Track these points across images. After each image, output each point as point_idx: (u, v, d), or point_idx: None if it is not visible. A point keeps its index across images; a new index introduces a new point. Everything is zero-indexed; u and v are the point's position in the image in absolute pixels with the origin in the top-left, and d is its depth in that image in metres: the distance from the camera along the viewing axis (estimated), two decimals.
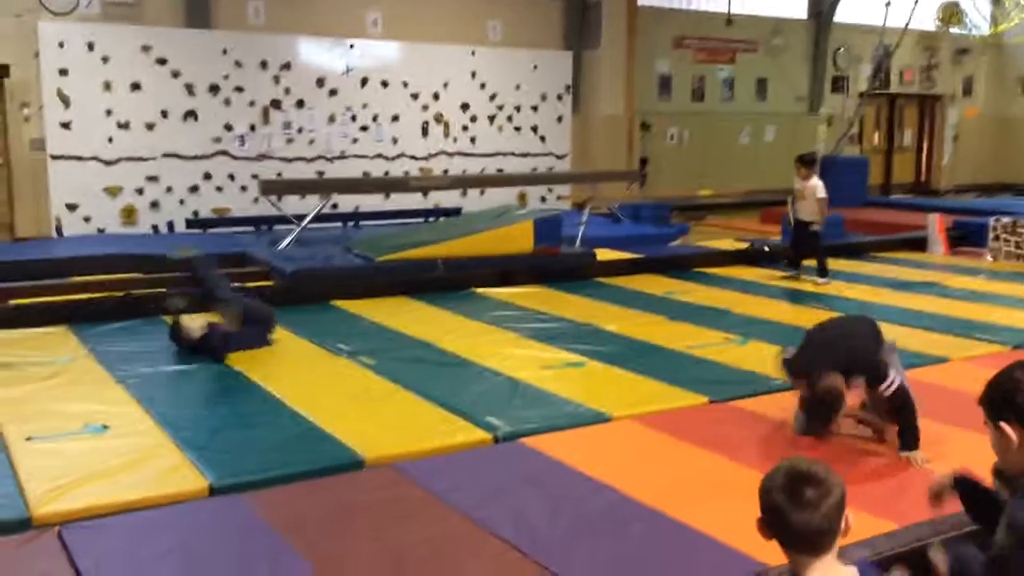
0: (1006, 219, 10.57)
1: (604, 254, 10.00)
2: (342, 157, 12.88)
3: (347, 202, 12.59)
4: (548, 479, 3.94)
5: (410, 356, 6.04)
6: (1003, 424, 2.48)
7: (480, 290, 8.42)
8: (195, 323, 6.15)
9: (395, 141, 13.33)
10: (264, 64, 12.30)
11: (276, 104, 12.43)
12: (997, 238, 10.43)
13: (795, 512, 2.00)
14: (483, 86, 14.03)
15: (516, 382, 5.43)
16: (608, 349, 6.25)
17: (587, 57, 14.95)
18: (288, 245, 9.83)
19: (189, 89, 11.77)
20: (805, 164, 9.26)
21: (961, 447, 4.26)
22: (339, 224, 12.26)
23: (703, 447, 4.37)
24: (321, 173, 12.67)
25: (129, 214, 11.60)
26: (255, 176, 12.04)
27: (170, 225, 11.78)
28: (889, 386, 4.23)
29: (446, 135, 13.76)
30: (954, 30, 19.12)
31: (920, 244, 11.11)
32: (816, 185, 9.00)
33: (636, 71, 15.20)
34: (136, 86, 11.46)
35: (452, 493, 3.72)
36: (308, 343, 6.40)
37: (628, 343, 6.49)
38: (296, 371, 5.70)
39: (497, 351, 6.19)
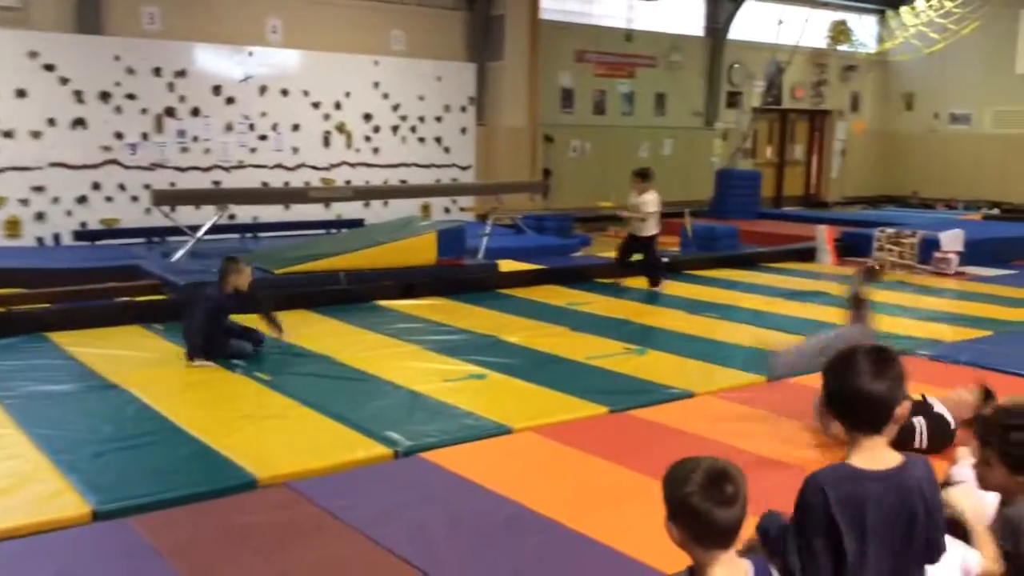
0: (890, 230, 11.05)
1: (507, 265, 10.04)
2: (240, 167, 12.59)
3: (245, 213, 12.31)
4: (448, 494, 3.91)
5: (309, 371, 5.93)
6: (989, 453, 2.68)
7: (383, 303, 8.35)
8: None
9: (295, 151, 13.11)
10: (158, 71, 11.94)
11: (170, 112, 12.08)
12: (881, 248, 10.88)
13: (719, 509, 2.04)
14: (386, 96, 13.94)
15: (417, 395, 5.39)
16: (510, 361, 6.26)
17: (490, 69, 15.01)
18: (181, 257, 9.55)
19: (78, 96, 11.34)
20: (641, 178, 9.42)
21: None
22: (236, 236, 11.98)
23: (603, 457, 4.41)
24: (217, 183, 12.35)
25: (13, 226, 11.09)
26: (147, 186, 11.66)
27: (56, 237, 11.31)
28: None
29: (348, 145, 13.61)
30: (842, 48, 19.91)
31: (810, 255, 11.50)
32: (650, 200, 9.20)
33: (539, 84, 15.33)
34: (21, 93, 10.97)
35: (349, 511, 3.65)
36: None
37: (530, 355, 6.52)
38: (187, 389, 5.54)
39: (398, 364, 6.14)
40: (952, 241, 10.54)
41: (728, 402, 5.38)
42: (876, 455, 2.27)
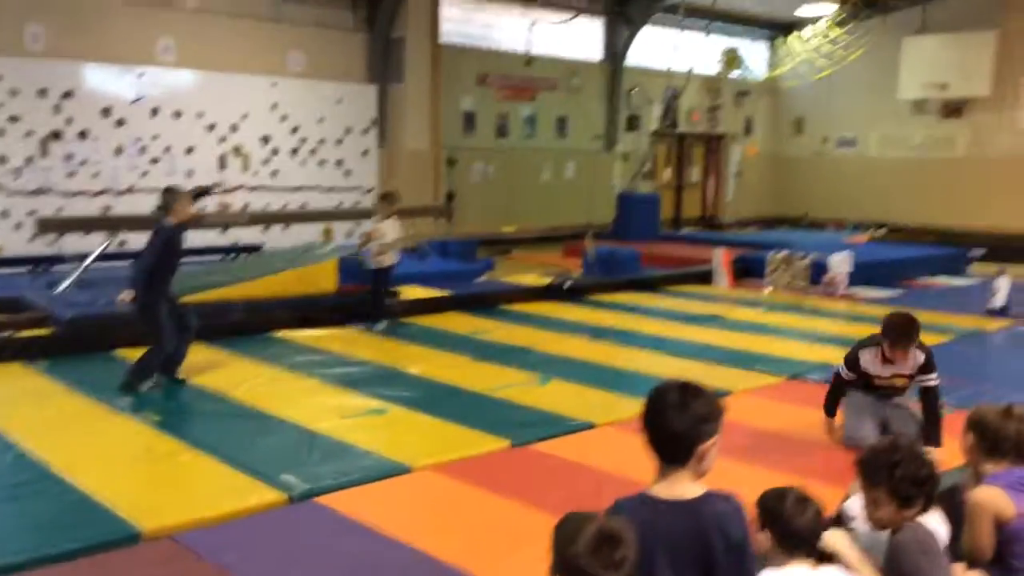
0: (782, 253, 11.38)
1: (410, 291, 9.95)
2: (130, 191, 12.17)
3: (137, 240, 11.87)
4: (343, 541, 3.81)
5: (200, 409, 5.73)
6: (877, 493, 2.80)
7: (281, 334, 8.15)
8: None
9: (190, 174, 12.73)
10: (43, 92, 11.47)
11: (57, 135, 11.61)
12: (775, 270, 11.19)
13: (605, 573, 2.02)
14: (284, 118, 13.70)
15: (314, 434, 5.25)
16: (411, 394, 6.18)
17: (392, 91, 14.92)
18: (68, 288, 9.14)
19: None
20: (388, 202, 8.78)
21: (745, 482, 4.47)
22: (128, 263, 11.53)
23: (503, 495, 4.37)
24: (107, 208, 11.91)
25: None
26: (32, 212, 11.16)
27: None
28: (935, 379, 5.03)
29: (245, 169, 13.31)
30: (735, 74, 20.54)
31: (707, 277, 11.75)
32: (389, 227, 8.57)
33: (441, 107, 15.31)
34: None
35: (239, 565, 3.52)
36: (86, 399, 5.94)
37: (431, 387, 6.45)
38: (69, 432, 5.26)
39: (296, 400, 5.99)
40: (841, 263, 10.92)
41: (628, 433, 5.38)
42: (677, 486, 2.38)
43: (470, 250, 12.91)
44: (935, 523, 3.10)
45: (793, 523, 2.58)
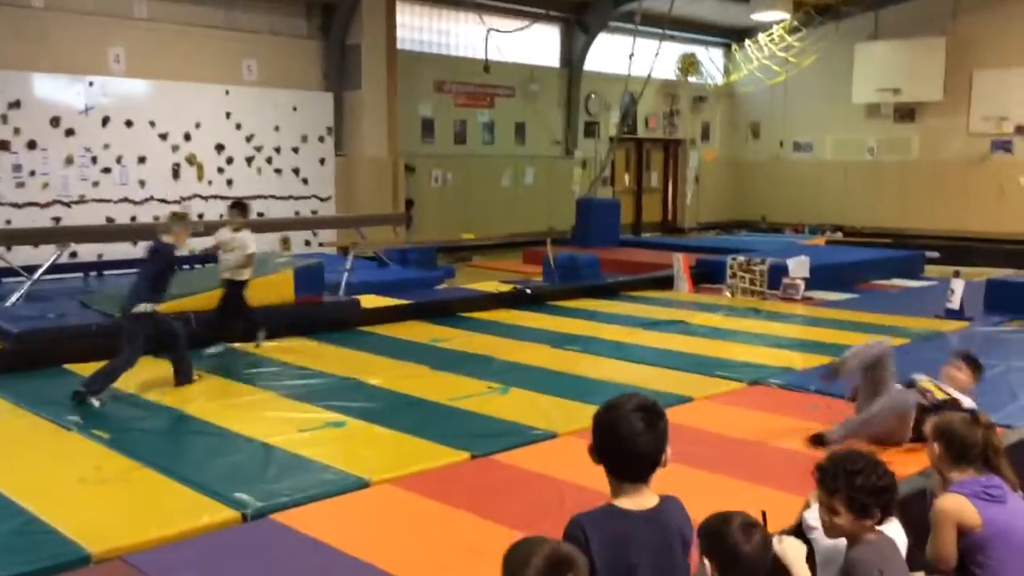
0: (741, 257, 11.44)
1: (370, 300, 9.84)
2: (82, 202, 11.94)
3: (88, 251, 11.65)
4: (299, 560, 3.71)
5: (152, 426, 5.58)
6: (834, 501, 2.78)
7: (236, 346, 7.99)
8: None
9: (142, 184, 12.52)
10: None
11: (4, 145, 11.35)
12: (734, 275, 11.24)
13: None
14: (239, 127, 13.54)
15: (270, 448, 5.13)
16: (370, 405, 6.08)
17: (348, 98, 14.80)
18: (17, 302, 8.90)
19: None
20: (240, 210, 8.07)
21: (706, 490, 4.45)
22: (80, 275, 11.31)
23: (464, 509, 4.29)
24: (58, 219, 11.66)
25: None
26: None
27: None
28: None
29: (200, 178, 13.11)
30: (692, 79, 20.68)
31: (668, 282, 11.77)
32: (247, 238, 7.88)
33: (398, 113, 15.22)
34: None
35: None
36: (33, 416, 5.76)
37: (391, 398, 6.35)
38: (13, 451, 5.10)
39: (251, 414, 5.86)
40: (799, 267, 10.99)
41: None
42: (641, 498, 2.43)
43: (430, 258, 12.83)
44: (894, 531, 3.09)
45: (739, 551, 2.39)
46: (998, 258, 14.05)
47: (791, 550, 2.77)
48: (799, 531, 3.18)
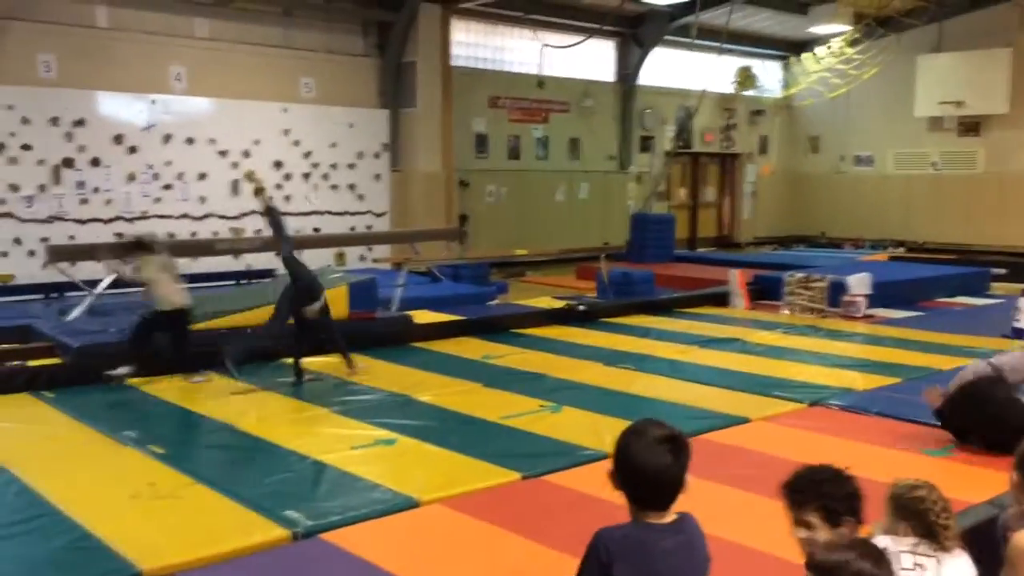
0: (799, 274, 11.21)
1: (422, 316, 9.86)
2: (143, 217, 12.17)
3: None
4: None
5: (207, 442, 5.63)
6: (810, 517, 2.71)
7: (291, 360, 8.02)
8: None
9: (202, 200, 12.74)
10: (55, 120, 11.52)
11: (68, 162, 11.63)
12: (792, 292, 11.01)
13: None
14: (297, 143, 13.71)
15: (322, 465, 5.13)
16: (421, 423, 6.05)
17: (403, 115, 14.90)
18: (78, 316, 9.09)
19: None
20: (143, 249, 7.51)
21: (762, 515, 4.32)
22: (140, 290, 11.48)
23: (513, 531, 4.23)
24: (120, 235, 11.87)
25: None
26: (44, 239, 11.16)
27: None
28: None
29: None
30: (748, 93, 20.43)
31: (723, 299, 11.58)
32: (160, 266, 7.45)
33: (453, 129, 15.29)
34: None
35: None
36: (90, 431, 5.85)
37: (442, 415, 6.32)
38: (70, 466, 5.16)
39: (304, 430, 5.88)
40: (860, 284, 10.73)
41: None
42: (664, 518, 2.43)
43: (483, 273, 12.83)
44: (962, 565, 2.95)
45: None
46: None
47: None
48: None
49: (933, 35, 18.68)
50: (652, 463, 2.36)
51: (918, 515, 2.99)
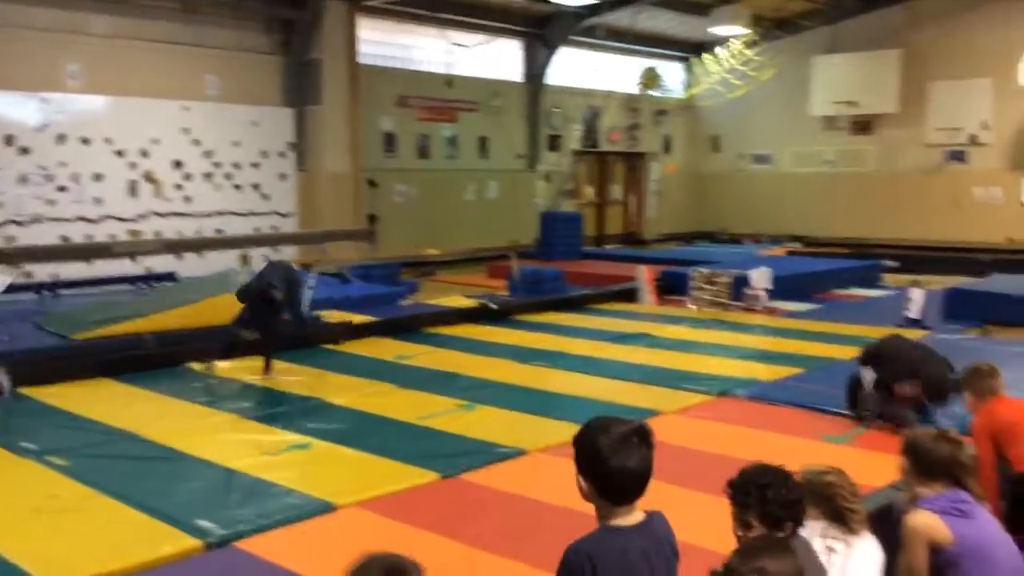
0: (704, 270, 11.48)
1: (334, 317, 9.72)
2: (36, 221, 11.67)
3: (43, 271, 11.39)
4: None
5: (111, 452, 5.43)
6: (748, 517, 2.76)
7: (197, 366, 7.83)
8: None
9: (98, 202, 12.29)
10: None
11: None
12: (698, 287, 11.27)
13: None
14: (198, 143, 13.35)
15: (233, 473, 5.02)
16: (336, 426, 5.98)
17: (309, 114, 14.68)
18: None
19: None
20: None
21: (678, 505, 4.40)
22: (34, 295, 11.04)
23: (433, 531, 4.22)
24: (11, 239, 11.39)
25: None
26: None
27: None
28: None
29: (157, 195, 12.90)
30: (653, 93, 20.81)
31: (632, 295, 11.78)
32: None
33: (360, 128, 15.12)
34: None
35: None
36: None
37: (356, 418, 6.25)
38: None
39: (213, 437, 5.73)
40: (761, 278, 11.05)
41: (560, 458, 5.30)
42: (629, 517, 2.40)
43: (393, 273, 12.72)
44: (869, 547, 3.07)
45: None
46: (954, 266, 14.25)
47: None
48: None
49: (827, 37, 19.38)
50: (623, 458, 2.34)
51: (827, 500, 3.11)
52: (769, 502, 2.75)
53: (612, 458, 2.33)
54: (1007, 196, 17.77)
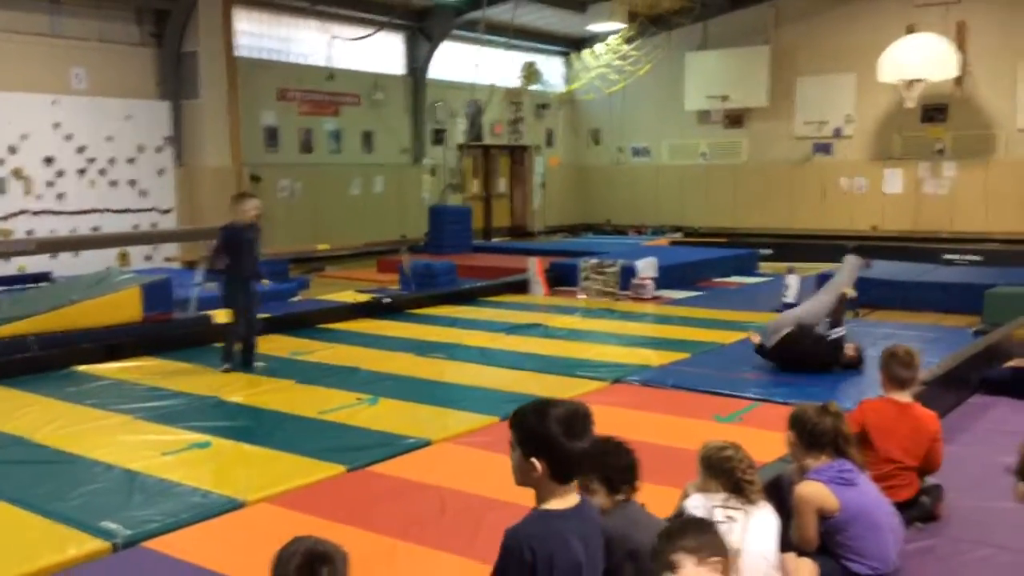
0: (593, 260, 11.77)
1: (222, 316, 9.50)
2: None
3: None
4: None
5: (1, 457, 5.21)
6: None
7: (83, 368, 7.57)
8: None
9: None
10: None
11: None
12: (587, 277, 11.55)
13: None
14: (69, 138, 12.82)
15: (133, 474, 4.91)
16: (235, 423, 5.92)
17: (187, 107, 14.27)
18: None
19: None
20: None
21: None
22: None
23: (344, 523, 4.24)
24: None
25: None
26: None
27: None
28: None
29: (27, 192, 12.33)
30: (534, 87, 21.10)
31: (523, 286, 11.97)
32: None
33: (240, 122, 14.79)
34: None
35: None
36: None
37: (256, 414, 6.20)
38: None
39: (108, 439, 5.58)
40: (647, 268, 11.43)
41: (466, 447, 5.42)
42: (566, 499, 2.50)
43: (282, 270, 12.52)
44: (766, 514, 3.30)
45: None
46: (823, 253, 15.00)
47: None
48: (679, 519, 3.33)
49: (699, 34, 20.08)
50: (580, 434, 2.44)
51: (726, 473, 3.32)
52: (608, 468, 3.10)
53: (566, 435, 2.42)
54: (870, 186, 18.85)
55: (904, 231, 17.96)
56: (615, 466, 3.13)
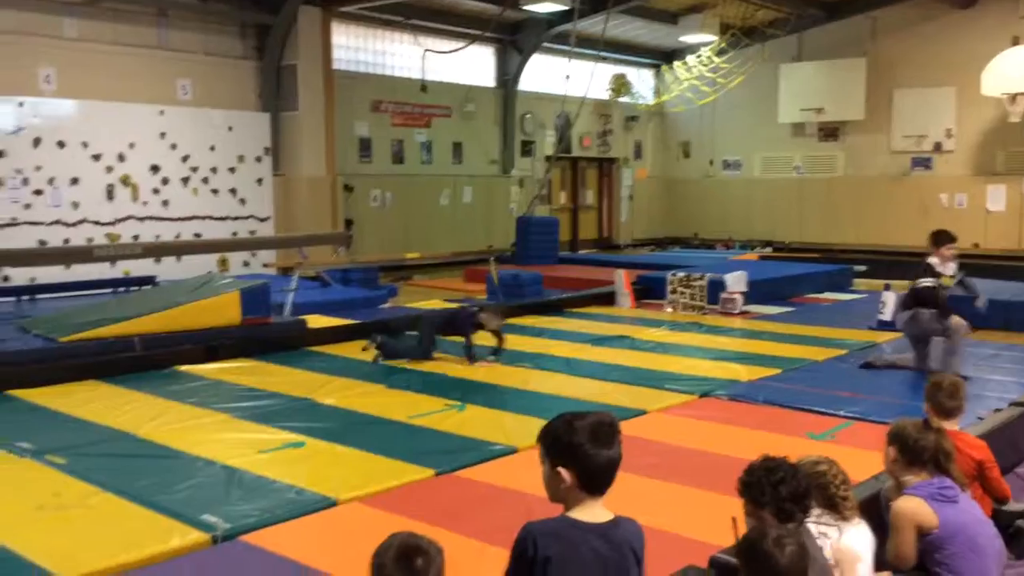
0: (680, 273, 11.68)
1: (315, 321, 9.78)
2: (13, 224, 11.61)
3: (20, 275, 11.33)
4: None
5: (107, 451, 5.47)
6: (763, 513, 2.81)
7: (184, 368, 7.87)
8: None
9: (75, 206, 12.24)
10: None
11: None
12: (675, 290, 11.47)
13: None
14: (174, 147, 13.34)
15: (232, 470, 5.09)
16: (328, 425, 6.07)
17: (285, 119, 14.71)
18: None
19: None
20: None
21: (663, 499, 4.56)
22: (12, 299, 10.99)
23: (433, 524, 4.31)
24: None
25: None
26: None
27: None
28: None
29: (135, 199, 12.88)
30: (623, 99, 21.07)
31: (610, 298, 11.94)
32: None
33: (336, 133, 15.18)
34: None
35: None
36: None
37: (347, 417, 6.34)
38: None
39: (208, 436, 5.80)
40: (736, 282, 11.28)
41: None
42: (594, 512, 2.48)
43: (372, 277, 12.80)
44: (863, 532, 3.24)
45: (776, 563, 2.40)
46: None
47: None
48: None
49: (794, 45, 19.75)
50: (606, 444, 2.44)
51: (820, 488, 3.26)
52: (783, 500, 2.80)
53: (594, 446, 2.43)
54: (972, 203, 18.21)
55: (1007, 250, 17.29)
56: (790, 495, 2.81)
